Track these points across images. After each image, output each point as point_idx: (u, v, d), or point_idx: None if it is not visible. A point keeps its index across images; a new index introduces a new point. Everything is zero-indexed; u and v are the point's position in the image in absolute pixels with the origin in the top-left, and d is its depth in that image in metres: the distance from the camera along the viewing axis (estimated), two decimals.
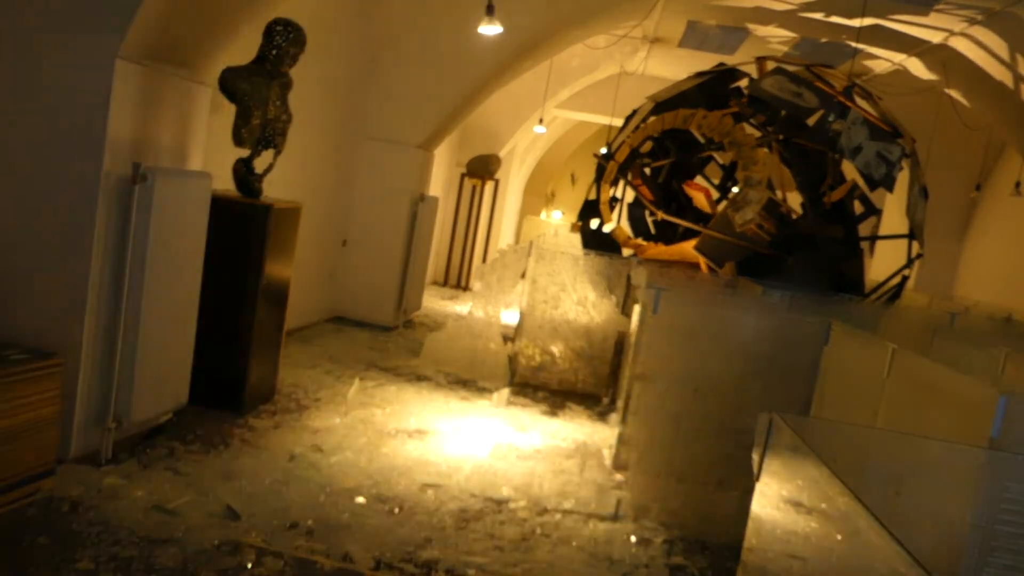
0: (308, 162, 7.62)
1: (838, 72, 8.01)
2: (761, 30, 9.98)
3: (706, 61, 10.43)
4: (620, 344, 7.53)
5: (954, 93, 9.26)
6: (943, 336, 5.26)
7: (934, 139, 10.59)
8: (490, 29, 6.67)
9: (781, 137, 7.65)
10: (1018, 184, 10.40)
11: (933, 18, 8.14)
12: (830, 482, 1.93)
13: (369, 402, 6.16)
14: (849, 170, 7.80)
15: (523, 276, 7.83)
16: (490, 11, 6.32)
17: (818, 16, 9.00)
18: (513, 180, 15.90)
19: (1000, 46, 8.49)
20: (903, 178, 7.62)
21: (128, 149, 4.12)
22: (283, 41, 5.18)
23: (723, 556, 4.38)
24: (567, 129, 18.07)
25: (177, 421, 4.91)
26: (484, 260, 13.84)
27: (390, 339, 8.71)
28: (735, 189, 8.62)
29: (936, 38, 8.70)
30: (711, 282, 6.71)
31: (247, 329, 5.27)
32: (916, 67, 9.96)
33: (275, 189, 5.71)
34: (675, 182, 9.03)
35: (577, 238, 9.38)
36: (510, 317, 8.63)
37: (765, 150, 7.58)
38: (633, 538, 4.43)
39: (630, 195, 9.66)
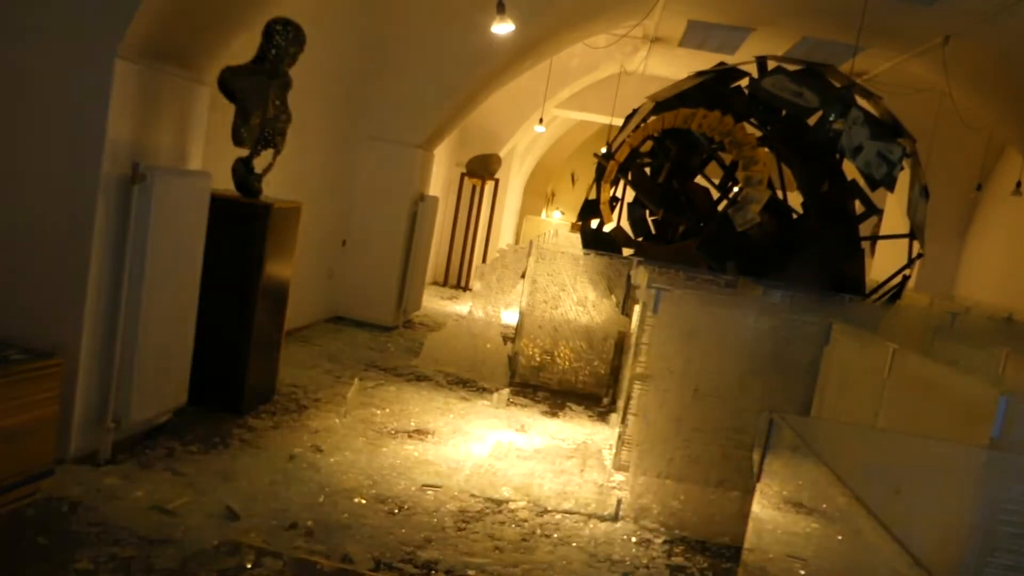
0: (308, 162, 7.61)
1: (838, 71, 8.00)
2: (762, 29, 9.98)
3: (706, 61, 10.43)
4: (620, 344, 7.53)
5: (954, 93, 9.26)
6: (943, 336, 5.26)
7: (934, 139, 10.59)
8: (502, 27, 6.62)
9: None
10: (1018, 184, 10.40)
11: (933, 17, 8.14)
12: (830, 482, 1.92)
13: (369, 402, 6.16)
14: (850, 170, 7.79)
15: (523, 276, 7.83)
16: (501, 8, 6.26)
17: (818, 15, 9.00)
18: (513, 180, 15.90)
19: (1000, 46, 8.48)
20: (904, 178, 7.62)
21: (127, 149, 4.12)
22: (283, 41, 5.18)
23: (723, 556, 4.38)
24: (567, 129, 18.07)
25: (176, 421, 4.91)
26: (484, 260, 13.83)
27: (390, 339, 8.71)
28: (735, 189, 8.62)
29: (936, 38, 8.69)
30: (711, 282, 6.70)
31: (247, 329, 5.26)
32: (916, 67, 9.95)
33: (275, 189, 5.70)
34: (675, 182, 9.03)
35: (577, 238, 9.38)
36: (510, 317, 8.62)
37: (766, 150, 7.58)
38: (633, 538, 4.42)
39: (630, 195, 9.66)
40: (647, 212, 9.50)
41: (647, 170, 9.24)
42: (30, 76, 3.95)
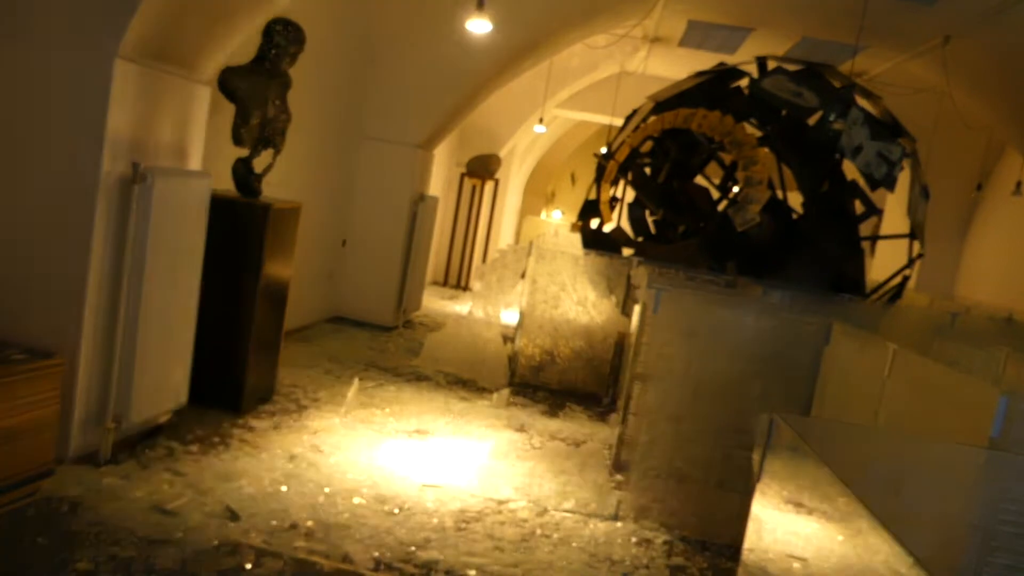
0: (308, 162, 7.61)
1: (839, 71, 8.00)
2: (762, 29, 9.98)
3: (706, 61, 10.43)
4: (620, 344, 7.53)
5: (954, 93, 9.26)
6: (944, 336, 5.26)
7: (934, 139, 10.59)
8: (479, 24, 6.58)
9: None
10: (1018, 184, 10.40)
11: (933, 17, 8.14)
12: (830, 482, 1.92)
13: (369, 402, 6.16)
14: (850, 170, 7.80)
15: (523, 276, 7.83)
16: (480, 4, 6.25)
17: (818, 15, 8.99)
18: (513, 180, 15.90)
19: (1000, 46, 8.48)
20: (904, 178, 7.62)
21: (127, 149, 4.12)
22: (282, 41, 5.18)
23: (723, 556, 4.38)
24: (567, 129, 18.06)
25: (176, 421, 4.91)
26: (484, 260, 13.83)
27: (390, 339, 8.70)
28: (735, 189, 8.62)
29: (936, 38, 8.69)
30: (711, 282, 6.70)
31: (247, 329, 5.26)
32: (916, 67, 9.95)
33: (275, 189, 5.70)
34: (675, 182, 9.03)
35: (577, 238, 9.38)
36: (510, 317, 8.62)
37: (766, 150, 7.58)
38: (633, 538, 4.42)
39: (630, 195, 9.66)
40: (647, 212, 9.50)
41: (647, 170, 9.24)
42: (30, 76, 3.95)
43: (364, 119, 8.96)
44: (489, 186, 14.01)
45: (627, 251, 8.66)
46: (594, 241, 8.75)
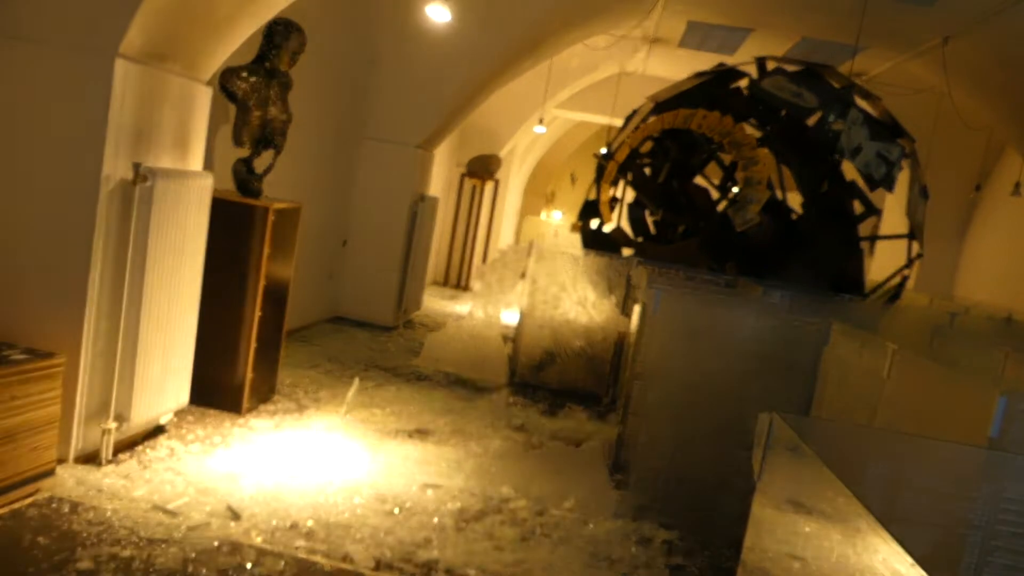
0: (308, 162, 7.62)
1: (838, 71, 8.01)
2: (761, 30, 9.99)
3: (706, 61, 10.44)
4: (620, 344, 7.53)
5: (954, 93, 9.27)
6: (943, 336, 5.27)
7: (934, 139, 10.59)
8: (438, 12, 6.51)
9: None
10: (1018, 184, 10.41)
11: (933, 18, 8.14)
12: (830, 482, 1.93)
13: (369, 402, 6.16)
14: (849, 170, 7.80)
15: (523, 276, 7.83)
16: None
17: (818, 16, 9.00)
18: (513, 180, 15.90)
19: (1000, 46, 8.49)
20: (903, 178, 7.63)
21: (128, 149, 4.12)
22: (283, 41, 5.19)
23: (723, 556, 4.38)
24: (567, 129, 18.06)
25: (177, 421, 4.91)
26: (484, 260, 13.84)
27: (390, 339, 8.71)
28: (735, 189, 8.63)
29: (936, 38, 8.70)
30: (711, 282, 6.71)
31: (247, 329, 5.27)
32: (916, 67, 9.96)
33: (275, 189, 5.71)
34: (675, 182, 9.04)
35: (577, 238, 9.38)
36: (510, 317, 8.62)
37: (765, 150, 7.59)
38: (633, 538, 4.42)
39: (630, 195, 9.67)
40: (647, 212, 9.51)
41: (647, 170, 9.25)
42: (31, 76, 3.94)
43: (364, 119, 8.97)
44: (489, 186, 14.01)
45: (627, 251, 8.66)
46: (594, 241, 8.76)
